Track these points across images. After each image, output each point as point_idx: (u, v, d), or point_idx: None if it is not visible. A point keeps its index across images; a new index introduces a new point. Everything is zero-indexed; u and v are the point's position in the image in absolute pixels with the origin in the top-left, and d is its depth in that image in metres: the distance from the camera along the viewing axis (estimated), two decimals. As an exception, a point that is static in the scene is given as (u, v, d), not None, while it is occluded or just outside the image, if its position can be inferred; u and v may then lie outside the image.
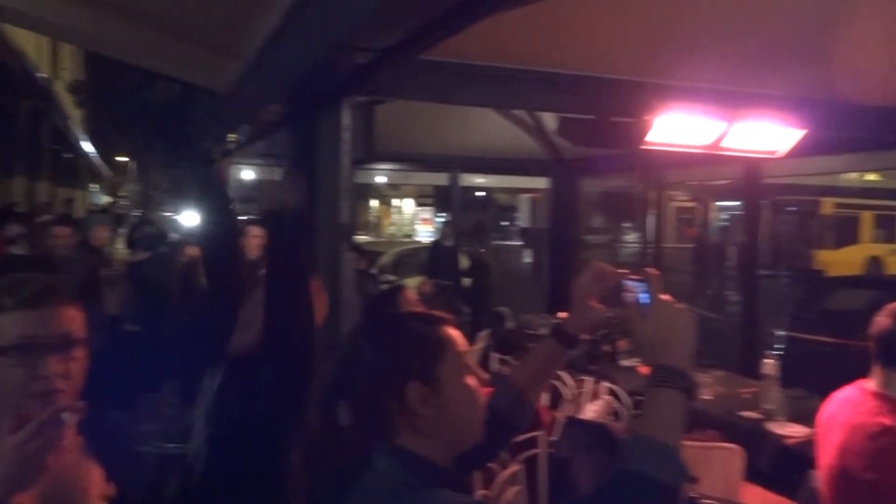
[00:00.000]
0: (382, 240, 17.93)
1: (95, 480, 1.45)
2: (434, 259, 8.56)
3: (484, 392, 1.50)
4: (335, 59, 2.56)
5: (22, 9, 4.26)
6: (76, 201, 19.72)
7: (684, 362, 1.38)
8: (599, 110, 3.61)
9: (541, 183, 7.51)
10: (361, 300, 3.69)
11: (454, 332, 1.49)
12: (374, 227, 21.91)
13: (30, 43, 12.12)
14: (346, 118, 2.88)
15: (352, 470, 1.43)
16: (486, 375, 1.55)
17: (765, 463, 3.51)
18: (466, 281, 8.34)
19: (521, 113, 5.55)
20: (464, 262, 8.51)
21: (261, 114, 3.78)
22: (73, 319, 1.41)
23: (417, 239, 20.00)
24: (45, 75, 13.68)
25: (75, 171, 24.57)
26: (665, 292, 1.44)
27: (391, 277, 9.72)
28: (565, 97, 3.50)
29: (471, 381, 1.43)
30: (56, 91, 16.35)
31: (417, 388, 1.35)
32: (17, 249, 6.05)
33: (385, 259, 12.02)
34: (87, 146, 22.93)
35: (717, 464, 3.18)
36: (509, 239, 25.20)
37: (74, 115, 21.07)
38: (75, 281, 4.62)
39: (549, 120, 5.54)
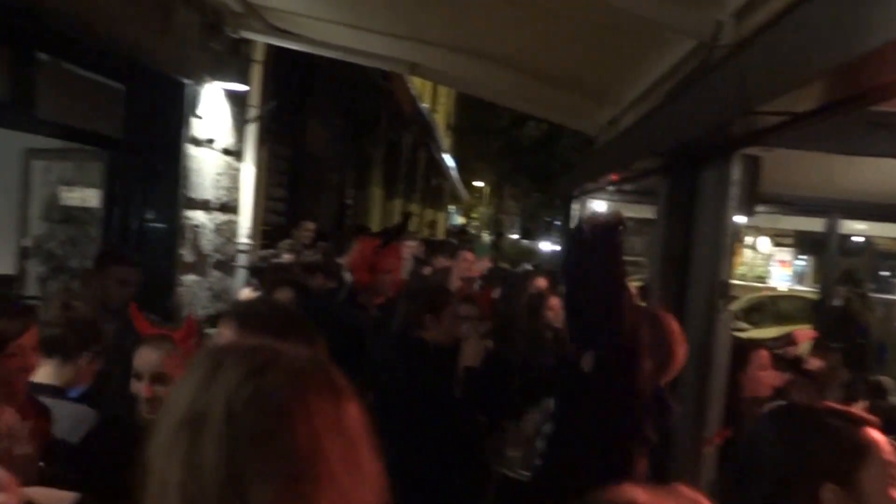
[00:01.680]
0: (731, 281, 16.74)
1: None
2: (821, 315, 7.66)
3: None
4: (734, 121, 2.44)
5: (431, 65, 4.89)
6: (437, 222, 21.88)
7: None
8: None
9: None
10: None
11: (880, 437, 1.34)
12: (723, 267, 20.57)
13: (416, 80, 13.82)
14: (736, 172, 2.74)
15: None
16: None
17: None
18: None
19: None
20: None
21: (635, 161, 3.79)
22: None
23: (771, 283, 18.16)
24: (427, 106, 15.39)
25: (440, 195, 27.41)
26: None
27: (744, 326, 8.98)
28: None
29: (896, 494, 1.28)
30: (435, 123, 18.39)
31: (833, 491, 1.27)
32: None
33: (737, 304, 10.84)
34: (453, 172, 25.39)
35: None
36: (890, 292, 21.70)
37: (445, 142, 23.49)
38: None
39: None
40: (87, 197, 5.32)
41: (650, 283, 3.95)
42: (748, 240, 22.50)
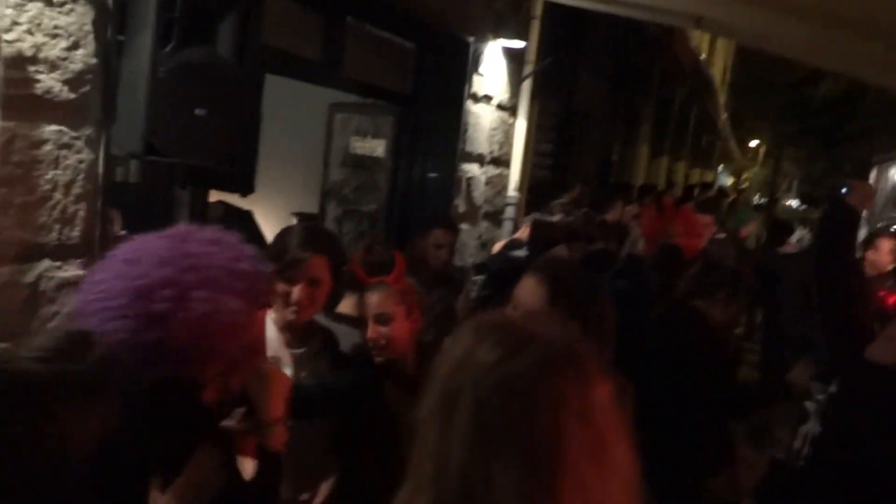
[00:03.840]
0: None
1: None
2: None
3: None
4: None
5: (718, 17, 4.59)
6: (711, 185, 20.57)
7: None
8: None
9: None
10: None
11: None
12: None
13: (694, 31, 12.92)
14: None
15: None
16: None
17: None
18: None
19: None
20: None
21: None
22: None
23: None
24: (703, 57, 14.39)
25: (711, 153, 25.78)
26: None
27: None
28: None
29: None
30: (711, 77, 17.23)
31: None
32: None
33: None
34: (726, 130, 23.69)
35: None
36: None
37: (720, 98, 21.92)
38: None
39: None
40: (376, 147, 5.87)
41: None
42: None
